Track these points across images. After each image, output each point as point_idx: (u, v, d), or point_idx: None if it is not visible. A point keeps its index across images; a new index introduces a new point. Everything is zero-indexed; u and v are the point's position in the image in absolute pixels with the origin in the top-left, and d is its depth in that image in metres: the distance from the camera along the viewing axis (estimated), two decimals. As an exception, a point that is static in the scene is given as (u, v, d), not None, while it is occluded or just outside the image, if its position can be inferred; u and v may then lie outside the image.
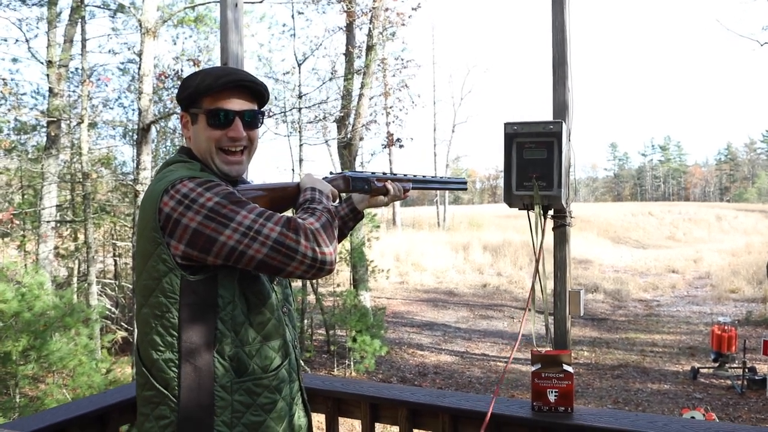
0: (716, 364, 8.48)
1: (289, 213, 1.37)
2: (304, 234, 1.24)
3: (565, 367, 1.81)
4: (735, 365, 8.30)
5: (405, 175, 1.77)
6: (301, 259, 1.23)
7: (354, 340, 8.82)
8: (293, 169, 10.76)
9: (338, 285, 10.60)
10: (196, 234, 1.24)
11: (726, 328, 8.45)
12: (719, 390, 8.01)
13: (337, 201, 1.63)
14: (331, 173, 1.64)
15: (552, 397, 1.80)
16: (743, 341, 8.41)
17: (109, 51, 12.63)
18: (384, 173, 1.73)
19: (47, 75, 9.68)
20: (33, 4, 10.30)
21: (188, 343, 1.29)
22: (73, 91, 10.90)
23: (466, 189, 1.86)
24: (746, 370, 7.93)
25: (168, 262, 1.27)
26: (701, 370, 8.56)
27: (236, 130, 1.40)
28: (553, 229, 2.17)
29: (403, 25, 12.40)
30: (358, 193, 1.71)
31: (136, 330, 1.39)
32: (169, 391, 1.29)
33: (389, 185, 1.70)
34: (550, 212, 2.11)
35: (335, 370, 9.22)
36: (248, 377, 1.33)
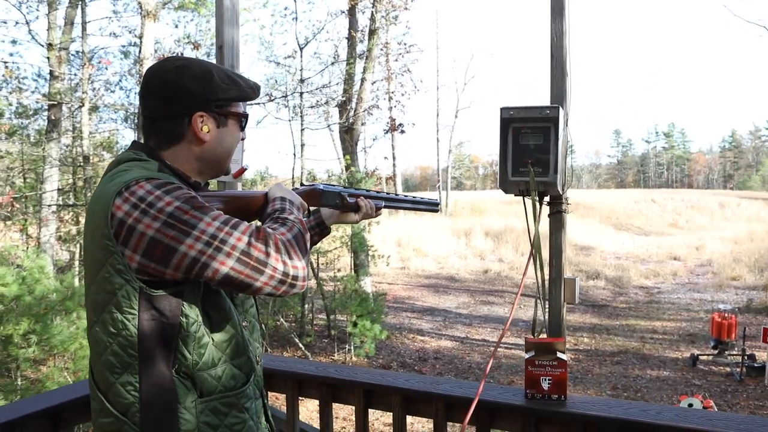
0: (716, 352, 8.51)
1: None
2: (274, 245, 1.14)
3: (559, 354, 1.80)
4: (734, 352, 8.33)
5: (378, 192, 1.70)
6: (271, 273, 1.12)
7: (354, 325, 8.85)
8: (295, 154, 10.75)
9: (339, 270, 10.63)
10: (153, 243, 1.10)
11: (726, 315, 8.47)
12: (718, 377, 8.04)
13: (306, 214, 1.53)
14: (302, 184, 1.57)
15: (545, 385, 1.80)
16: (743, 329, 8.42)
17: (110, 34, 12.48)
18: (356, 188, 1.66)
19: (48, 58, 9.63)
20: (33, -15, 10.22)
21: (149, 364, 1.16)
22: (75, 75, 10.84)
23: (437, 211, 1.80)
24: (745, 358, 7.96)
25: (124, 273, 1.12)
26: (701, 357, 8.59)
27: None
28: (549, 215, 2.16)
29: (406, 9, 12.36)
30: (328, 208, 1.62)
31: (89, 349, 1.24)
32: (128, 418, 1.16)
33: (362, 202, 1.62)
34: (546, 198, 2.10)
35: (335, 354, 9.26)
36: (214, 396, 1.22)
